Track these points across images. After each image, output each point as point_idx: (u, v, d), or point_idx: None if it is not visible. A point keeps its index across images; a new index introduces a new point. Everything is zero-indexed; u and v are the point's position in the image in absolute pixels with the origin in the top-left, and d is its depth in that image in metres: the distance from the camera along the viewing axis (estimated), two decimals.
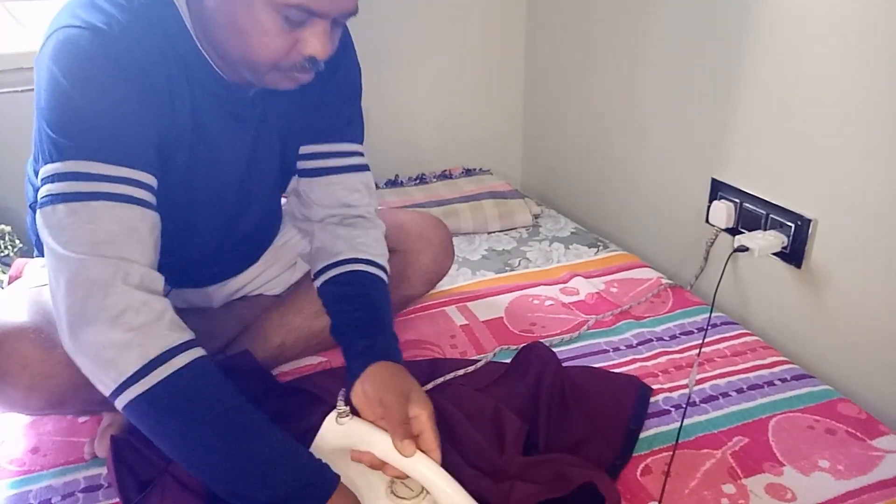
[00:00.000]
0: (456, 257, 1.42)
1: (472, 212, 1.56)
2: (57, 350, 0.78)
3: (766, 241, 1.10)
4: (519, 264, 1.42)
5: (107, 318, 0.69)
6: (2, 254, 1.33)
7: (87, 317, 0.69)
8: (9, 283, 1.00)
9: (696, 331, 1.14)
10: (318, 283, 0.95)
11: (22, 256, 1.29)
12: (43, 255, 0.95)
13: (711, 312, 1.16)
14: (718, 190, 1.23)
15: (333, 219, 0.97)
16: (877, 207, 0.96)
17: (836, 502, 0.80)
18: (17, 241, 1.34)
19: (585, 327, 1.15)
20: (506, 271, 1.38)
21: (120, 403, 0.70)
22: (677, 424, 0.92)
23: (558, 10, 1.64)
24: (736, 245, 1.12)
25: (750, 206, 1.16)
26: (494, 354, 1.08)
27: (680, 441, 0.89)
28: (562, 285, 1.29)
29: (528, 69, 1.83)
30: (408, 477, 0.74)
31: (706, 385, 1.01)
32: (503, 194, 1.63)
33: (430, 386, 0.97)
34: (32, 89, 0.76)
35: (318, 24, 0.74)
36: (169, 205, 0.79)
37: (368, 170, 0.99)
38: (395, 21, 1.65)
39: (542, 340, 1.09)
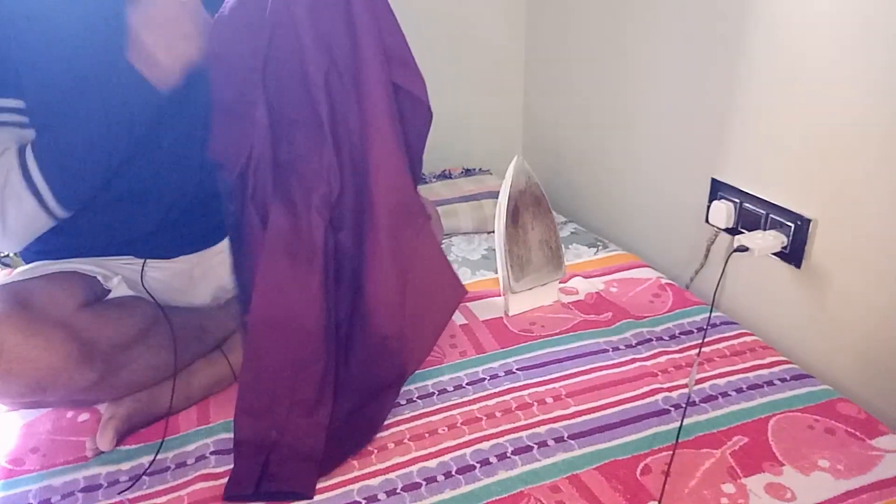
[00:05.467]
0: (456, 257, 1.43)
1: (472, 212, 1.56)
2: (35, 336, 0.81)
3: (765, 241, 1.10)
4: None
5: None
6: (2, 254, 1.34)
7: None
8: None
9: (695, 331, 1.14)
10: None
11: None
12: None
13: (711, 312, 1.16)
14: (718, 190, 1.23)
15: None
16: (877, 207, 0.96)
17: (836, 502, 0.80)
18: None
19: None
20: None
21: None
22: (677, 424, 0.92)
23: (558, 10, 1.64)
24: (736, 245, 1.12)
25: (750, 206, 1.16)
26: None
27: (680, 441, 0.89)
28: (561, 285, 1.29)
29: (528, 69, 1.83)
30: None
31: (706, 385, 1.01)
32: None
33: None
34: None
35: None
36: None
37: None
38: None
39: (540, 339, 1.10)
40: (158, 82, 0.88)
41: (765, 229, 1.14)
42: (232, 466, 0.88)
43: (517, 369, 1.06)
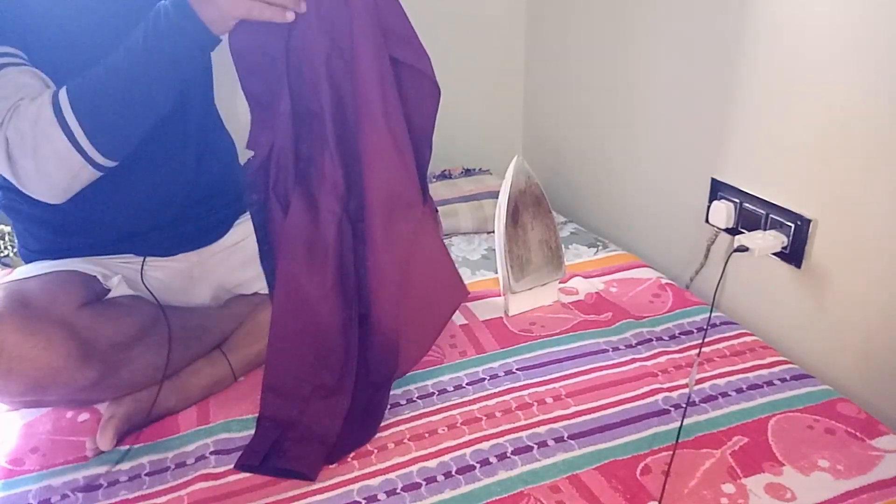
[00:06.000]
0: (456, 257, 1.43)
1: (472, 212, 1.56)
2: (35, 335, 0.81)
3: (765, 241, 1.10)
4: None
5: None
6: (2, 254, 1.34)
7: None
8: None
9: (695, 331, 1.14)
10: None
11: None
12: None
13: (711, 312, 1.16)
14: (718, 190, 1.23)
15: None
16: (877, 207, 0.96)
17: (836, 502, 0.80)
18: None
19: None
20: None
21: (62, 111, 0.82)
22: (677, 424, 0.92)
23: (558, 10, 1.64)
24: (736, 245, 1.12)
25: (750, 206, 1.16)
26: None
27: (680, 441, 0.89)
28: (561, 285, 1.29)
29: (528, 69, 1.83)
30: None
31: (706, 385, 1.01)
32: None
33: None
34: None
35: None
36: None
37: None
38: None
39: (540, 339, 1.10)
40: (212, 23, 0.81)
41: (765, 229, 1.14)
42: (242, 450, 0.91)
43: (517, 369, 1.06)
